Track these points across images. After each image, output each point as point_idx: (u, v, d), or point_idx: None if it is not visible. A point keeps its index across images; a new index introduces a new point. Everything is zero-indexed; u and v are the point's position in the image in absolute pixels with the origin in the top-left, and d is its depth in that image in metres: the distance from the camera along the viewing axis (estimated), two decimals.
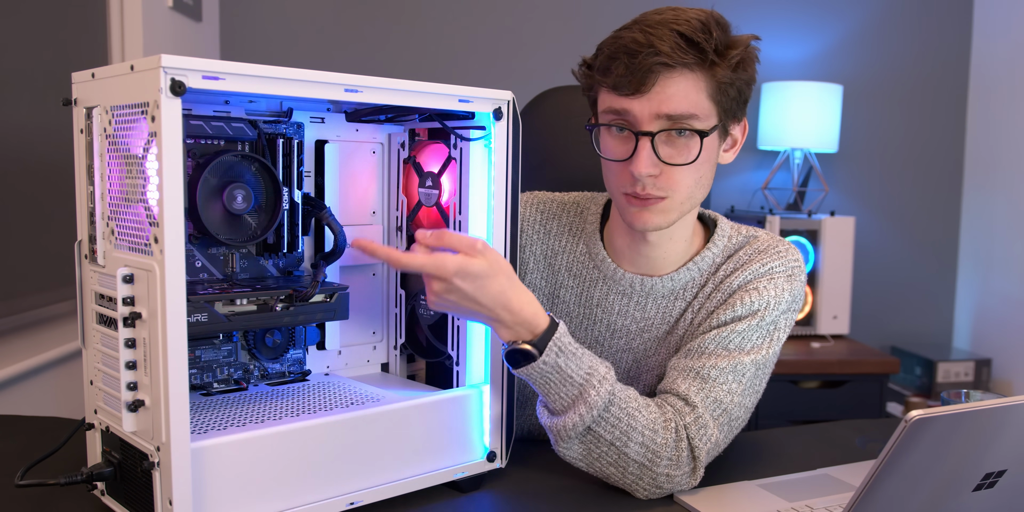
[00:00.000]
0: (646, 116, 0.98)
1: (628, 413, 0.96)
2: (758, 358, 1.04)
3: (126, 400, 0.78)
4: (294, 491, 0.86)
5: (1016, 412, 0.72)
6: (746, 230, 1.14)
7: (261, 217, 0.95)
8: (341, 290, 0.98)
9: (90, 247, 0.86)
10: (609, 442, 0.96)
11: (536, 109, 1.57)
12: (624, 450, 0.96)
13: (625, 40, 0.98)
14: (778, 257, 1.08)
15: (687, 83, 0.97)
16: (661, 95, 0.97)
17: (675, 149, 0.99)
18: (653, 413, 0.98)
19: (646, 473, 0.97)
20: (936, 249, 2.98)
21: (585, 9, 2.75)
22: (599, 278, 1.14)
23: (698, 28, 0.96)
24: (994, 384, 2.79)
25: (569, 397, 0.95)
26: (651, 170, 0.99)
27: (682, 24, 0.96)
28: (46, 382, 1.69)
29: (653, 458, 0.96)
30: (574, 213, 1.19)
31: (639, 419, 0.96)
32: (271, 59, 2.56)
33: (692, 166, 1.00)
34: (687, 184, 1.01)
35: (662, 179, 1.00)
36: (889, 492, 0.71)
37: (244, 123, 0.94)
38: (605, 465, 0.98)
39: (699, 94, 0.97)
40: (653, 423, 0.97)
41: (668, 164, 0.99)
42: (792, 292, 1.07)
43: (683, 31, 0.96)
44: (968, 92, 2.93)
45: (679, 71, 0.96)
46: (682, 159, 0.99)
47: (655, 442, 0.96)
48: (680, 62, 0.96)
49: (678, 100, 0.97)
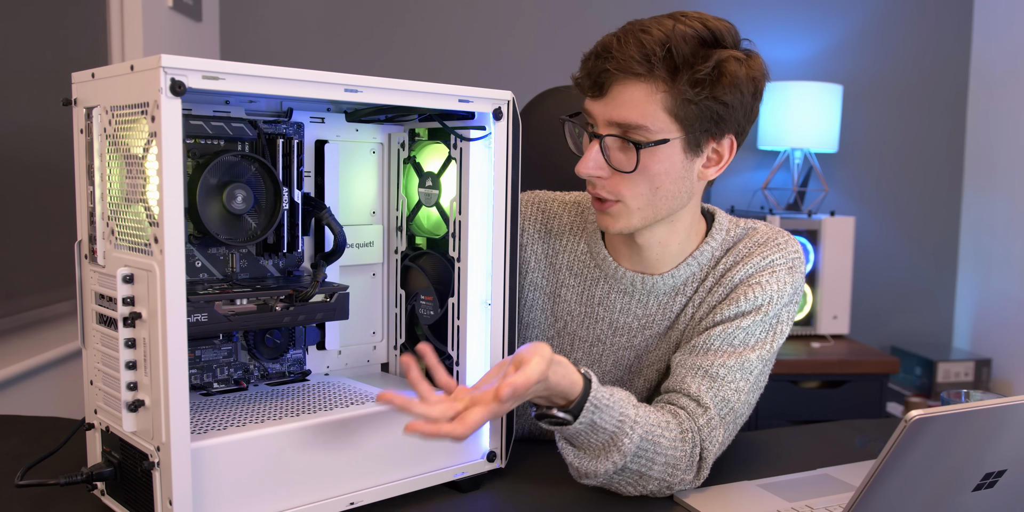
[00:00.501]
0: (600, 119, 0.99)
1: (654, 442, 0.95)
2: (763, 353, 1.04)
3: (126, 400, 0.78)
4: (294, 491, 0.86)
5: (1016, 412, 0.72)
6: (744, 222, 1.14)
7: (261, 217, 0.95)
8: (341, 290, 0.98)
9: (90, 247, 0.86)
10: (635, 470, 0.96)
11: (536, 109, 1.57)
12: (648, 473, 0.96)
13: (603, 41, 0.99)
14: (778, 249, 1.08)
15: (639, 93, 0.96)
16: (615, 101, 0.97)
17: (624, 155, 0.99)
18: (673, 431, 0.97)
19: (663, 485, 0.97)
20: (936, 249, 2.98)
21: (585, 9, 2.75)
22: (600, 277, 1.14)
23: (660, 39, 0.94)
24: (994, 384, 2.79)
25: (599, 443, 0.94)
26: (592, 171, 0.99)
27: (649, 33, 0.95)
28: (46, 382, 1.68)
29: (672, 472, 0.96)
30: (575, 212, 1.19)
31: (663, 444, 0.95)
32: (271, 59, 2.56)
33: (642, 176, 0.99)
34: (640, 192, 1.00)
35: (609, 183, 1.01)
36: (889, 492, 0.71)
37: (244, 123, 0.94)
38: (624, 485, 0.97)
39: (652, 106, 0.96)
40: (673, 441, 0.96)
41: (614, 169, 0.99)
42: (793, 285, 1.07)
43: (644, 40, 0.95)
44: (968, 92, 2.93)
45: (632, 80, 0.96)
46: (625, 167, 0.99)
47: (675, 458, 0.96)
48: (631, 71, 0.95)
49: (628, 109, 0.96)
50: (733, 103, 0.97)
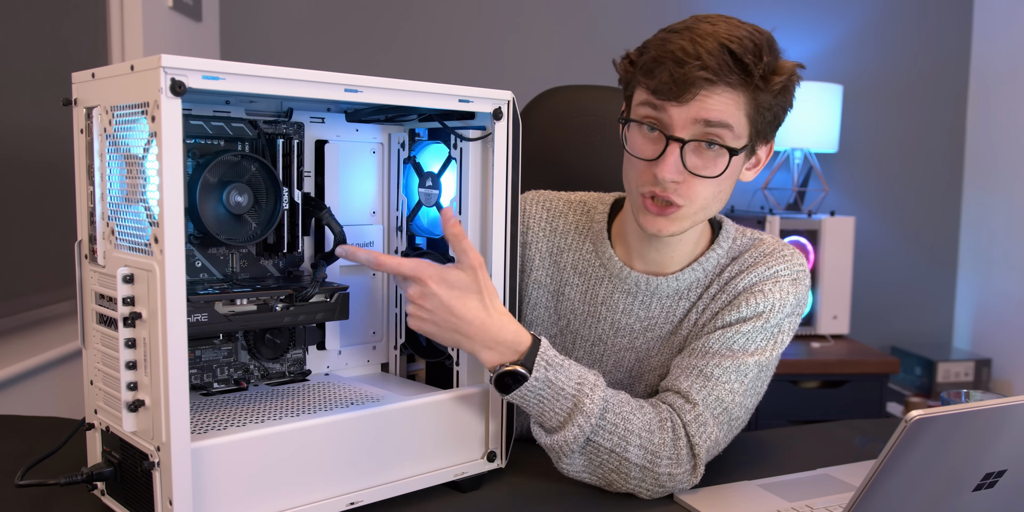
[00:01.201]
0: (681, 121, 0.97)
1: (623, 417, 0.96)
2: (761, 359, 1.04)
3: (126, 400, 0.78)
4: (294, 491, 0.86)
5: (1016, 412, 0.72)
6: (750, 233, 1.15)
7: (261, 217, 0.95)
8: (341, 290, 0.98)
9: (90, 247, 0.86)
10: (609, 449, 0.96)
11: (536, 109, 1.57)
12: (625, 455, 0.96)
13: (673, 46, 0.96)
14: (783, 260, 1.09)
15: (727, 99, 0.96)
16: (700, 104, 0.96)
17: (701, 160, 0.99)
18: (648, 414, 0.98)
19: (648, 475, 0.97)
20: (936, 249, 2.98)
21: (586, 9, 2.75)
22: (605, 276, 1.14)
23: (749, 49, 0.95)
24: (994, 384, 2.79)
25: (564, 411, 0.95)
26: (675, 176, 0.98)
27: (734, 41, 0.95)
28: (46, 382, 1.69)
29: (653, 459, 0.96)
30: (581, 212, 1.20)
31: (634, 422, 0.97)
32: (271, 59, 2.56)
33: (716, 180, 1.00)
34: (705, 195, 1.01)
35: (683, 187, 1.00)
36: (889, 492, 0.71)
37: (244, 123, 0.94)
38: (607, 472, 0.97)
39: (737, 111, 0.97)
40: (649, 424, 0.97)
41: (692, 174, 0.99)
42: (797, 296, 1.07)
43: (734, 49, 0.95)
44: (968, 92, 2.93)
45: (722, 87, 0.96)
46: (707, 171, 0.99)
47: (652, 442, 0.96)
48: (725, 80, 0.95)
49: (717, 114, 0.97)
50: (788, 109, 1.03)
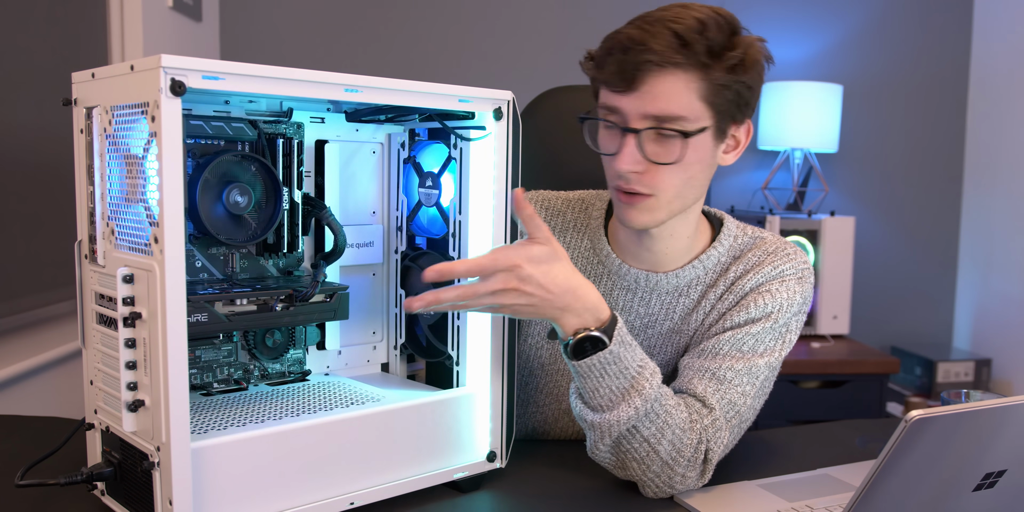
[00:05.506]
0: (634, 114, 0.98)
1: (667, 410, 0.96)
2: (771, 360, 1.05)
3: (126, 400, 0.78)
4: (294, 491, 0.86)
5: (1016, 412, 0.72)
6: (752, 230, 1.14)
7: (261, 217, 0.95)
8: (341, 290, 0.98)
9: (90, 247, 0.86)
10: (644, 438, 0.95)
11: (536, 109, 1.57)
12: (656, 447, 0.96)
13: (621, 36, 0.97)
14: (788, 259, 1.09)
15: (677, 83, 0.96)
16: (649, 94, 0.96)
17: (662, 148, 0.99)
18: (683, 413, 0.98)
19: (666, 471, 0.97)
20: (936, 249, 2.98)
21: (586, 9, 2.75)
22: (604, 273, 1.14)
23: (694, 27, 0.95)
24: (994, 384, 2.79)
25: (619, 390, 0.94)
26: (633, 167, 0.98)
27: (679, 22, 0.95)
28: (46, 382, 1.68)
29: (677, 457, 0.96)
30: (578, 209, 1.20)
31: (675, 417, 0.97)
32: (271, 59, 2.56)
33: (679, 166, 0.99)
34: (673, 183, 1.00)
35: (647, 176, 1.00)
36: (889, 492, 0.71)
37: (244, 123, 0.94)
38: (630, 459, 0.97)
39: (690, 95, 0.96)
40: (684, 422, 0.97)
41: (653, 162, 0.99)
42: (803, 294, 1.08)
43: (678, 30, 0.95)
44: (968, 92, 2.93)
45: (670, 70, 0.95)
46: (667, 158, 0.98)
47: (682, 441, 0.97)
48: (671, 61, 0.95)
49: (666, 100, 0.96)
50: (756, 87, 1.01)
